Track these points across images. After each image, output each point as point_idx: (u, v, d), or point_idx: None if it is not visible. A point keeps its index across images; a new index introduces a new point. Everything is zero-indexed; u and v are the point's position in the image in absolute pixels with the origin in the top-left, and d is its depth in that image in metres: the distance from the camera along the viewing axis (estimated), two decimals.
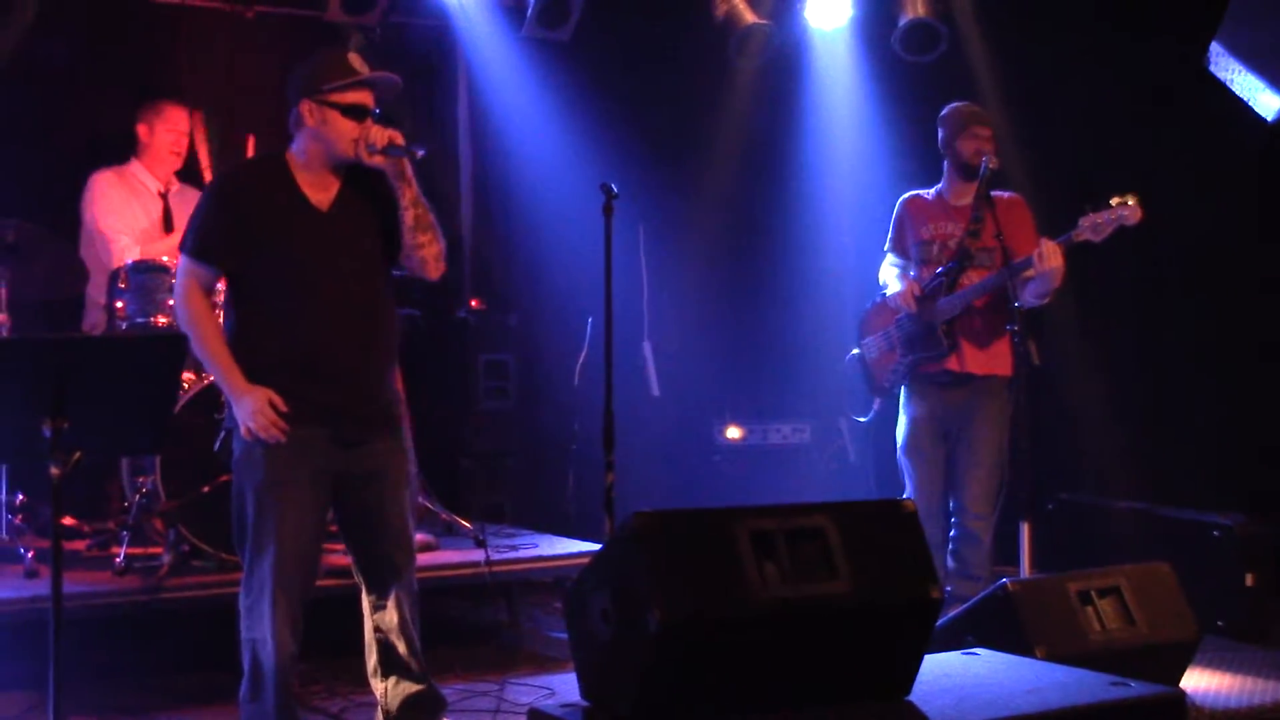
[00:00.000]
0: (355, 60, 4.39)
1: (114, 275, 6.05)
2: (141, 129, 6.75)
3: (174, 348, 3.91)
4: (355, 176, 4.42)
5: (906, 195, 6.32)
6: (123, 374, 3.78)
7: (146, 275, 5.95)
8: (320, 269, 4.31)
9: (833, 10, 7.94)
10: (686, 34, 8.09)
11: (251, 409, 4.21)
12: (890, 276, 6.29)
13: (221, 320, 4.50)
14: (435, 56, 8.18)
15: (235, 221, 4.30)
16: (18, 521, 6.11)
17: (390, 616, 4.48)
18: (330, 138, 4.32)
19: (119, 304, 5.97)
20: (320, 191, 4.38)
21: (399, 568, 4.48)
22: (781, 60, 8.09)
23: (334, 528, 4.56)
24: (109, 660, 5.45)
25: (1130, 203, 5.58)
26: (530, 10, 7.40)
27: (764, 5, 7.90)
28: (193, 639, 5.54)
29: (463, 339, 8.01)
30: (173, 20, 7.39)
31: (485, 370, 7.98)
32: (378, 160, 4.32)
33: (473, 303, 8.11)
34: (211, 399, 5.68)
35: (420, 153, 4.37)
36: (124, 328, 5.91)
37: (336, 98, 4.31)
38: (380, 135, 4.30)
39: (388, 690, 4.52)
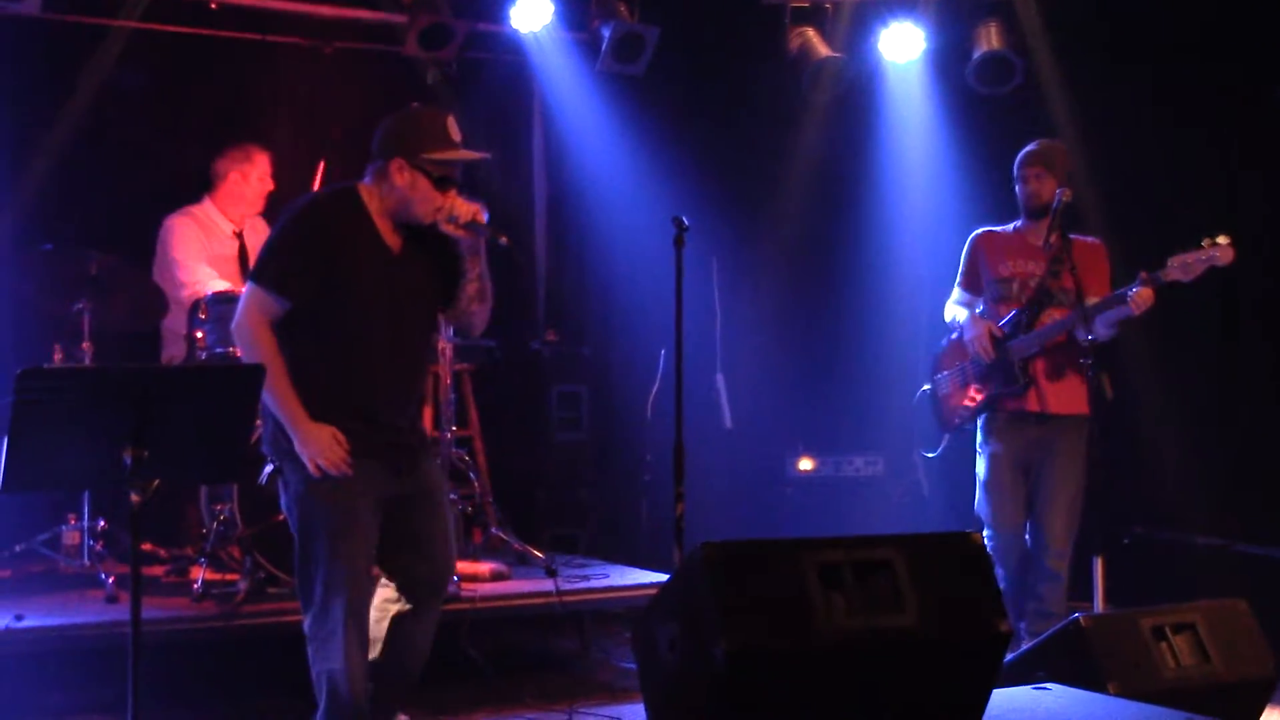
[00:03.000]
0: (453, 128, 4.40)
1: (195, 306, 6.14)
2: (233, 174, 6.73)
3: (253, 379, 3.98)
4: (416, 230, 4.45)
5: (980, 231, 6.28)
6: (202, 404, 3.86)
7: (227, 306, 6.01)
8: (384, 311, 4.36)
9: (906, 43, 7.94)
10: (760, 68, 8.12)
11: (321, 446, 4.26)
12: (959, 314, 6.27)
13: None
14: (511, 91, 8.27)
15: (314, 256, 4.30)
16: (99, 547, 6.21)
17: (421, 629, 4.55)
18: (415, 201, 4.36)
19: (199, 334, 6.07)
20: (390, 236, 4.42)
21: (439, 586, 4.59)
22: (855, 93, 8.09)
23: None
24: (186, 685, 5.52)
25: (1222, 243, 5.52)
26: (604, 45, 7.46)
27: (838, 38, 7.91)
28: (268, 664, 5.60)
29: (536, 370, 8.07)
30: (253, 56, 7.53)
31: (559, 402, 8.03)
32: (457, 232, 4.38)
33: (547, 335, 8.17)
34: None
35: (503, 240, 4.42)
36: (203, 357, 6.01)
37: (432, 168, 4.35)
38: (465, 209, 4.36)
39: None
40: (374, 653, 4.53)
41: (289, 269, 4.31)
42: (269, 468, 4.49)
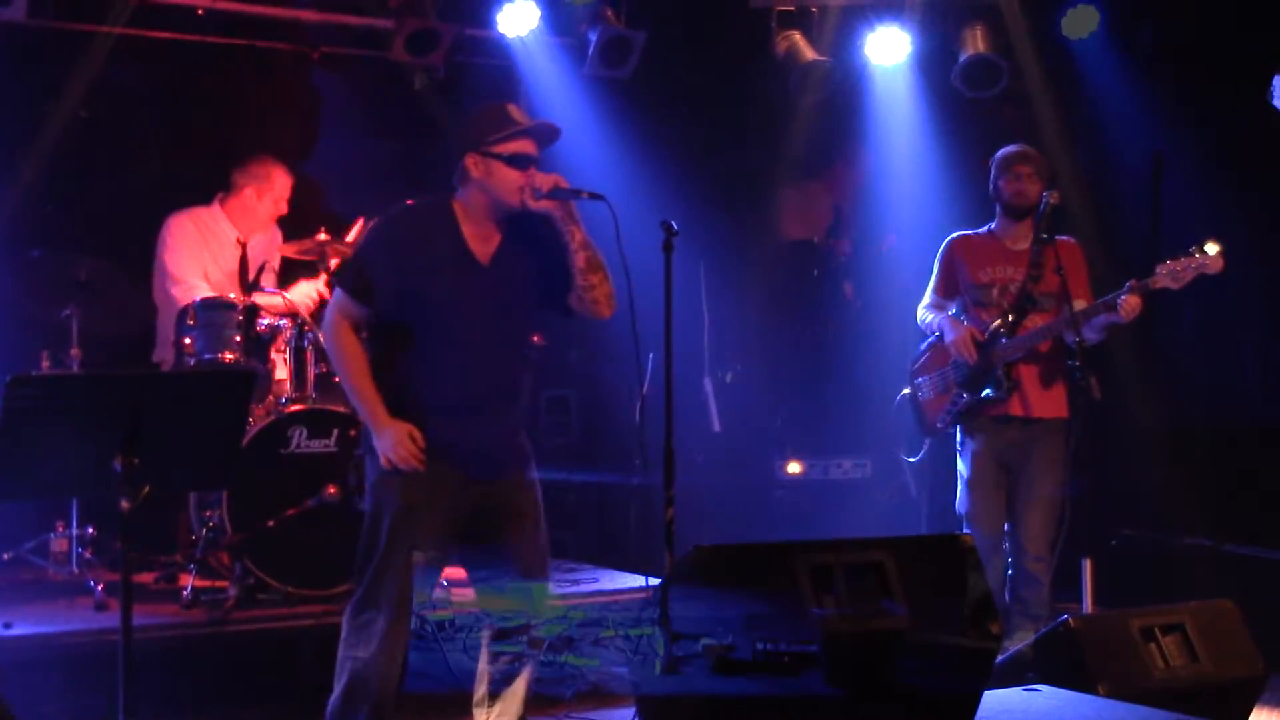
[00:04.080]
0: (514, 111, 4.45)
1: (182, 312, 6.12)
2: (248, 190, 6.59)
3: (242, 385, 3.99)
4: (517, 229, 4.47)
5: (955, 236, 6.27)
6: (192, 410, 3.86)
7: (214, 312, 6.03)
8: (471, 321, 4.37)
9: (892, 46, 7.95)
10: (747, 71, 8.13)
11: (393, 440, 4.29)
12: (932, 318, 6.26)
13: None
14: (498, 96, 8.23)
15: (398, 265, 4.34)
16: (88, 555, 6.19)
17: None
18: (496, 188, 4.37)
19: (187, 340, 6.05)
20: (482, 243, 4.44)
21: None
22: (842, 96, 8.10)
23: None
24: (176, 692, 5.49)
25: (1211, 251, 5.51)
26: (591, 49, 7.47)
27: (824, 41, 7.92)
28: (258, 671, 5.59)
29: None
30: (240, 62, 7.53)
31: (547, 406, 8.02)
32: (545, 205, 4.37)
33: (534, 339, 8.15)
34: (277, 435, 5.78)
35: (586, 193, 4.42)
36: (192, 364, 6.00)
37: (500, 149, 4.36)
38: (545, 180, 4.37)
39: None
40: (480, 690, 4.52)
41: (367, 276, 4.38)
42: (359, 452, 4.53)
